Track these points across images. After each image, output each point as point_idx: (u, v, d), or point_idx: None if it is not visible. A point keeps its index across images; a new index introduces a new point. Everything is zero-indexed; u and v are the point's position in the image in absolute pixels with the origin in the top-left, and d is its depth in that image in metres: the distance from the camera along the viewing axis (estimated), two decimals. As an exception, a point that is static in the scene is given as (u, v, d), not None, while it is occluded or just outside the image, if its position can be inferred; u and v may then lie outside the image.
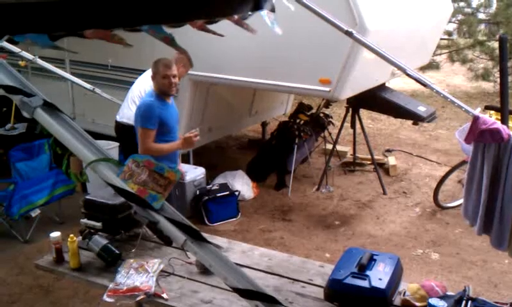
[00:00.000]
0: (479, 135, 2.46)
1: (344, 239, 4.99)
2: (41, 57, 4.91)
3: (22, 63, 5.90)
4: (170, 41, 1.73)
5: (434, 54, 8.91)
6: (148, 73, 4.22)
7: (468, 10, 10.84)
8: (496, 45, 9.87)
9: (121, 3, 1.45)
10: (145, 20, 1.53)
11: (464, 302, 2.42)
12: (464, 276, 4.31)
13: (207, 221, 5.31)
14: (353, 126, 6.29)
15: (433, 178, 6.23)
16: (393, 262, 2.62)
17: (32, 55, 4.80)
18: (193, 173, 5.50)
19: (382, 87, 5.83)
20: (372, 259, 2.61)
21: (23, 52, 4.73)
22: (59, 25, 1.45)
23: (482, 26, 11.11)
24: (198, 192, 5.45)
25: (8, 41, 2.49)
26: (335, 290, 2.50)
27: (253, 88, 6.02)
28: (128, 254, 3.00)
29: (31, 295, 4.17)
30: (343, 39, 3.23)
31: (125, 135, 4.48)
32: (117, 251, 2.92)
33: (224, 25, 1.79)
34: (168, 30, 1.58)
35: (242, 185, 5.87)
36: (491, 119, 2.54)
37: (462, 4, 10.76)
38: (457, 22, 10.84)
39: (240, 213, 5.51)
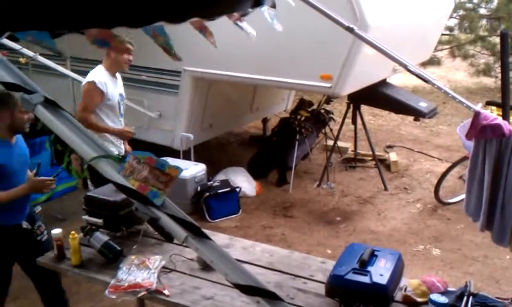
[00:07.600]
0: (480, 131, 2.46)
1: (345, 235, 4.99)
2: (42, 54, 4.90)
3: (22, 60, 5.88)
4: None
5: (436, 50, 8.90)
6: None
7: (470, 5, 10.82)
8: (497, 40, 9.86)
9: (122, 0, 1.44)
10: (146, 18, 1.53)
11: (465, 297, 2.42)
12: (465, 272, 4.31)
13: (208, 218, 5.32)
14: (354, 122, 6.30)
15: (434, 174, 6.23)
16: (395, 258, 2.61)
17: (33, 53, 4.79)
18: (194, 169, 5.51)
19: (383, 83, 5.83)
20: (373, 255, 2.61)
21: (23, 49, 4.72)
22: (60, 23, 1.44)
23: (484, 21, 11.09)
24: (199, 189, 5.45)
25: (9, 38, 2.49)
26: (336, 285, 2.50)
27: (254, 84, 6.01)
28: (130, 250, 3.00)
29: (33, 291, 4.17)
30: (344, 36, 3.22)
31: None
32: (118, 248, 2.92)
33: (224, 22, 1.79)
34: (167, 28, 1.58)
35: (244, 181, 5.87)
36: (493, 114, 2.54)
37: (463, -1, 10.77)
38: (458, 17, 10.81)
39: (241, 210, 5.51)
